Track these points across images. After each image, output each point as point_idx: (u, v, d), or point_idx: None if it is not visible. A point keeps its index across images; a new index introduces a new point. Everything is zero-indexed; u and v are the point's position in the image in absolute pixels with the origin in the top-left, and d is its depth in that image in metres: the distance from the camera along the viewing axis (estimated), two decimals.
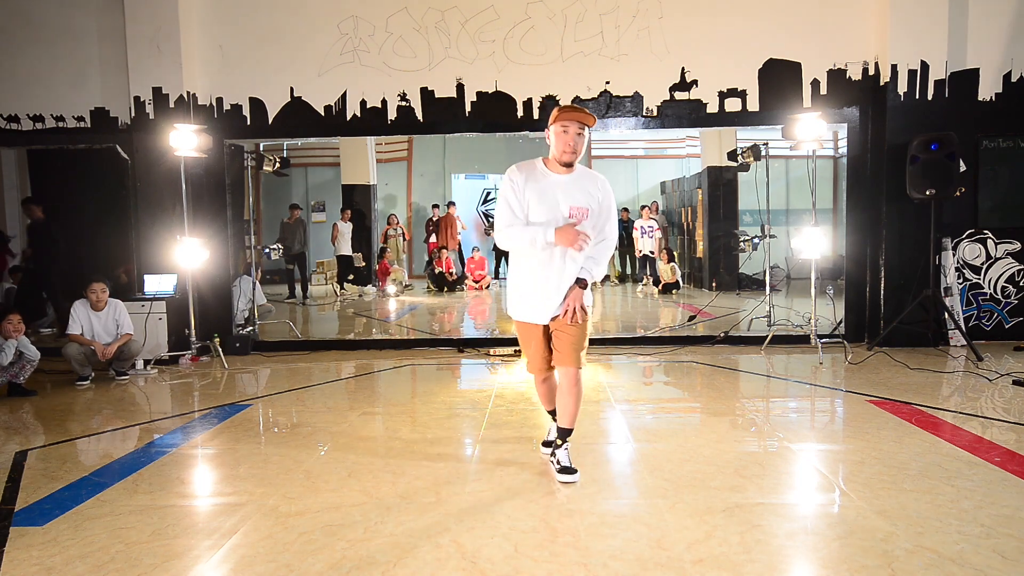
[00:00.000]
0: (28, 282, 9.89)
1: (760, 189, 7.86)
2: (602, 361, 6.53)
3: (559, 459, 3.41)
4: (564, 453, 3.42)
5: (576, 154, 3.22)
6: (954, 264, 7.11)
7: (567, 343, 3.31)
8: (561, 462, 3.39)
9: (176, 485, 3.50)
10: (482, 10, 7.29)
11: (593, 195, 3.29)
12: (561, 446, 3.43)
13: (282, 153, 13.52)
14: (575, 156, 3.23)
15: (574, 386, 3.34)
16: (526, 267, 3.34)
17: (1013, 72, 7.00)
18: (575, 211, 3.24)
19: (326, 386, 5.86)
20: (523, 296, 3.37)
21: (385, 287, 12.90)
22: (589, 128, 3.24)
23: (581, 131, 3.20)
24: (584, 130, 3.21)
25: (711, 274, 12.77)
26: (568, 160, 3.23)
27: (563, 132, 3.20)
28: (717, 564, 2.51)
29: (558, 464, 3.40)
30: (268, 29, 7.42)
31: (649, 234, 13.26)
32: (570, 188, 3.25)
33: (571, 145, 3.20)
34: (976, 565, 2.47)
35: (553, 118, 3.24)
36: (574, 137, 3.20)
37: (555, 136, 3.23)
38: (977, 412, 4.59)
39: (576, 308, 3.26)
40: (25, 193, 12.29)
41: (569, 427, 3.42)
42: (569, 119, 3.19)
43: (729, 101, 7.23)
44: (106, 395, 5.65)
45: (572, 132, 3.20)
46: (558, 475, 3.36)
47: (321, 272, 14.59)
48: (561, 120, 3.20)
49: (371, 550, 2.67)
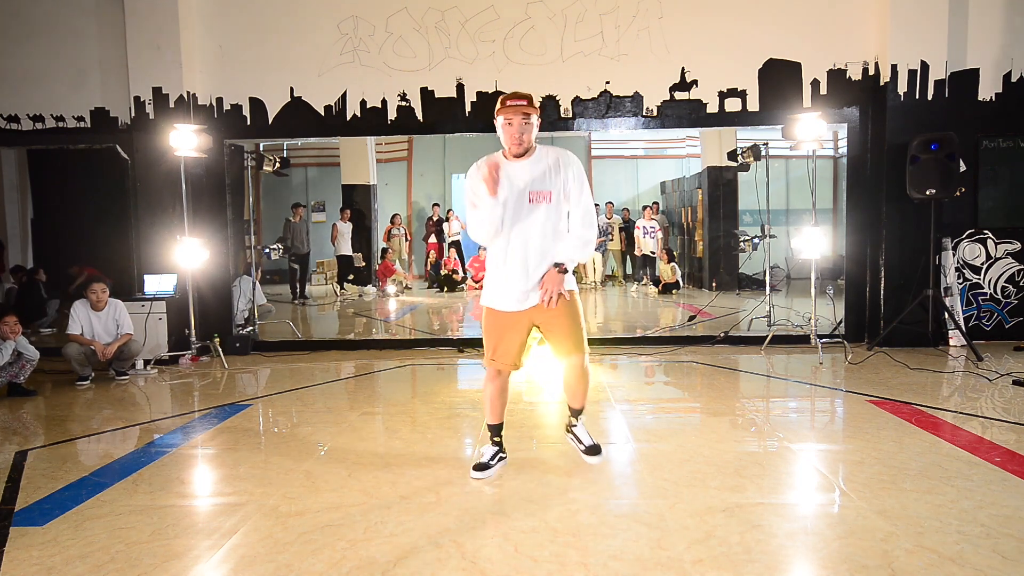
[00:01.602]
0: (28, 282, 9.90)
1: (760, 189, 7.86)
2: (602, 361, 6.53)
3: (579, 437, 3.48)
4: (583, 430, 3.49)
5: (523, 145, 3.17)
6: (954, 264, 7.11)
7: (564, 332, 3.26)
8: (583, 440, 3.46)
9: (176, 485, 3.50)
10: (482, 10, 7.29)
11: (554, 178, 3.20)
12: (576, 424, 3.50)
13: (282, 153, 13.54)
14: (522, 147, 3.18)
15: (582, 376, 3.35)
16: (502, 255, 3.25)
17: (1013, 72, 7.00)
18: (534, 195, 3.18)
19: (326, 386, 5.86)
20: (498, 283, 3.28)
21: (385, 287, 12.90)
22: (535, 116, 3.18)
23: (527, 119, 3.14)
24: (530, 118, 3.15)
25: (711, 274, 12.77)
26: (517, 152, 3.19)
27: (508, 124, 3.16)
28: (717, 564, 2.51)
29: (581, 444, 3.47)
30: (268, 29, 7.42)
31: (651, 234, 13.27)
32: (528, 173, 3.20)
33: (516, 137, 3.16)
34: (976, 565, 2.47)
35: (498, 108, 3.18)
36: (519, 127, 3.15)
37: (501, 129, 3.20)
38: (977, 412, 4.59)
39: (554, 293, 3.17)
40: (25, 193, 12.32)
41: (580, 406, 3.49)
42: (511, 112, 3.14)
43: (729, 101, 7.23)
44: (106, 395, 5.65)
45: (516, 123, 3.15)
46: (585, 456, 3.44)
47: (321, 272, 14.59)
48: (504, 113, 3.15)
49: (371, 550, 2.67)
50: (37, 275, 10.01)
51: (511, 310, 3.26)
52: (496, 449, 3.51)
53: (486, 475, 3.41)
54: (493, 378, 3.44)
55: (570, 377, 3.36)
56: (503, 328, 3.31)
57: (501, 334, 3.32)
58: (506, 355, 3.33)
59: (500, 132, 3.22)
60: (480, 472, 3.41)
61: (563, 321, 3.24)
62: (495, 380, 3.44)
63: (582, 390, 3.41)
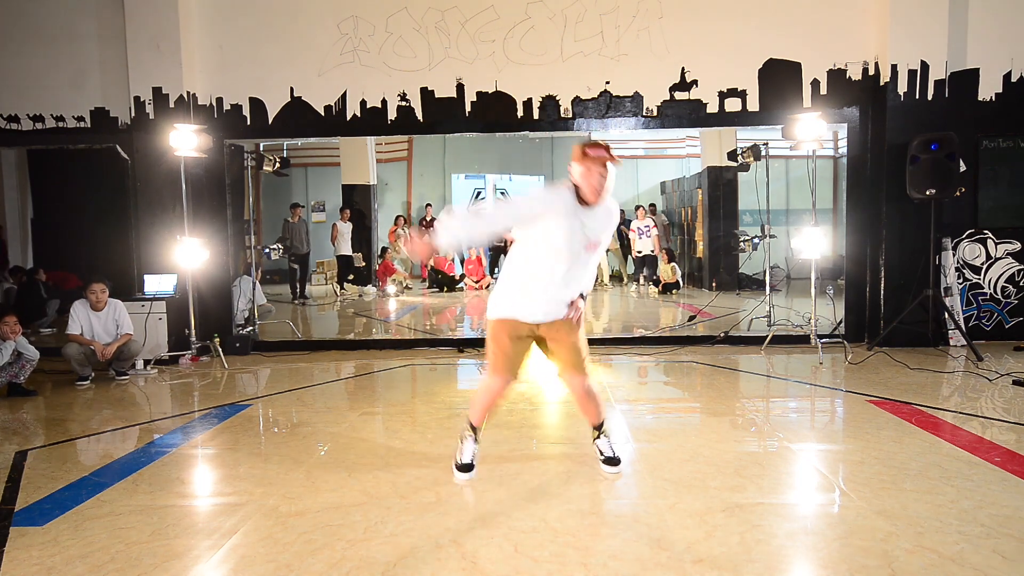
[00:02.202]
0: (28, 282, 9.91)
1: (760, 189, 7.86)
2: (602, 361, 6.53)
3: (600, 448, 3.51)
4: (605, 442, 3.51)
5: (601, 195, 3.12)
6: (954, 264, 7.11)
7: (568, 351, 3.30)
8: (604, 451, 3.49)
9: (176, 485, 3.50)
10: (482, 10, 7.29)
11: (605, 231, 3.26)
12: (599, 436, 3.52)
13: (282, 153, 13.51)
14: (599, 198, 3.13)
15: (587, 395, 3.43)
16: (527, 271, 3.24)
17: (1013, 72, 7.00)
18: (590, 246, 3.20)
19: (326, 386, 5.86)
20: (513, 295, 3.28)
21: (385, 287, 12.90)
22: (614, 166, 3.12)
23: (604, 170, 3.08)
24: (607, 167, 3.09)
25: (711, 274, 12.77)
26: (594, 202, 3.14)
27: (587, 172, 3.08)
28: (717, 564, 2.51)
29: (601, 454, 3.49)
30: (268, 29, 7.42)
31: (646, 234, 13.29)
32: (592, 223, 3.17)
33: (595, 189, 3.10)
34: (976, 565, 2.46)
35: (577, 155, 3.12)
36: (598, 179, 3.09)
37: (580, 177, 3.11)
38: (977, 412, 4.59)
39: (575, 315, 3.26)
40: (25, 193, 12.32)
41: (598, 422, 3.53)
42: (591, 163, 3.07)
43: (729, 101, 7.23)
44: (106, 395, 5.65)
45: (596, 173, 3.08)
46: (603, 466, 3.47)
47: (321, 272, 14.58)
48: (584, 163, 3.08)
49: (371, 550, 2.67)
50: (37, 275, 10.01)
51: (525, 320, 3.26)
52: (475, 447, 3.49)
53: (472, 475, 3.42)
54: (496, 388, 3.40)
55: (579, 397, 3.46)
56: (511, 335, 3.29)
57: (508, 341, 3.29)
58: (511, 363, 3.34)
59: (578, 178, 3.11)
60: (466, 473, 3.42)
61: (570, 339, 3.30)
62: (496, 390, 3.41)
63: (593, 408, 3.49)
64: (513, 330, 3.29)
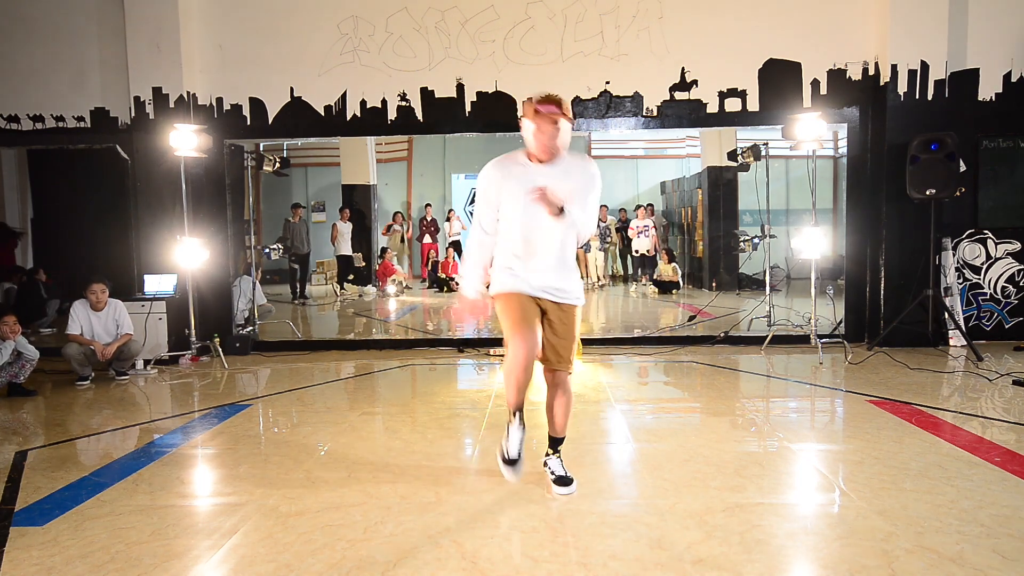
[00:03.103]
0: (28, 282, 9.91)
1: (760, 189, 7.86)
2: (602, 361, 6.53)
3: (552, 468, 3.28)
4: (557, 462, 3.29)
5: (552, 154, 3.02)
6: (954, 264, 7.11)
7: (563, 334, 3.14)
8: (555, 471, 3.26)
9: (176, 485, 3.50)
10: (482, 10, 7.29)
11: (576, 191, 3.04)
12: (552, 455, 3.31)
13: (282, 153, 13.52)
14: (550, 155, 3.02)
15: (563, 394, 3.22)
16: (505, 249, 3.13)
17: (1013, 72, 7.00)
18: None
19: (326, 386, 5.86)
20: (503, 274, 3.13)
21: (385, 287, 12.91)
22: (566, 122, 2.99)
23: (557, 126, 2.97)
24: (559, 123, 2.97)
25: (711, 274, 12.77)
26: (545, 159, 3.04)
27: (538, 132, 2.99)
28: (717, 564, 2.51)
29: (552, 474, 3.26)
30: (268, 29, 7.42)
31: (645, 233, 13.29)
32: (551, 181, 2.98)
33: (545, 145, 2.99)
34: (976, 565, 2.46)
35: (528, 112, 3.00)
36: (549, 135, 2.97)
37: (531, 134, 3.02)
38: (977, 412, 4.59)
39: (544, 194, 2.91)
40: (25, 193, 12.32)
41: (561, 436, 3.30)
42: (542, 120, 2.96)
43: (729, 101, 7.23)
44: (106, 395, 5.65)
45: (547, 132, 2.97)
46: (554, 487, 3.21)
47: (321, 272, 14.58)
48: (534, 119, 2.98)
49: (371, 550, 2.67)
50: (37, 275, 10.01)
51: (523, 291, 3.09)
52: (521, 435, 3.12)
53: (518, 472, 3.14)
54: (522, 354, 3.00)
55: (553, 393, 3.24)
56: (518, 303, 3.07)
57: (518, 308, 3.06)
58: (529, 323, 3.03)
59: (527, 135, 3.03)
60: (511, 468, 3.12)
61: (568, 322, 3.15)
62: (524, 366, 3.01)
63: (563, 414, 3.24)
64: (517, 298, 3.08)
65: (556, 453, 3.32)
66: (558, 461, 3.30)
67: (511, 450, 3.11)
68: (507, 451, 3.12)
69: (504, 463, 3.14)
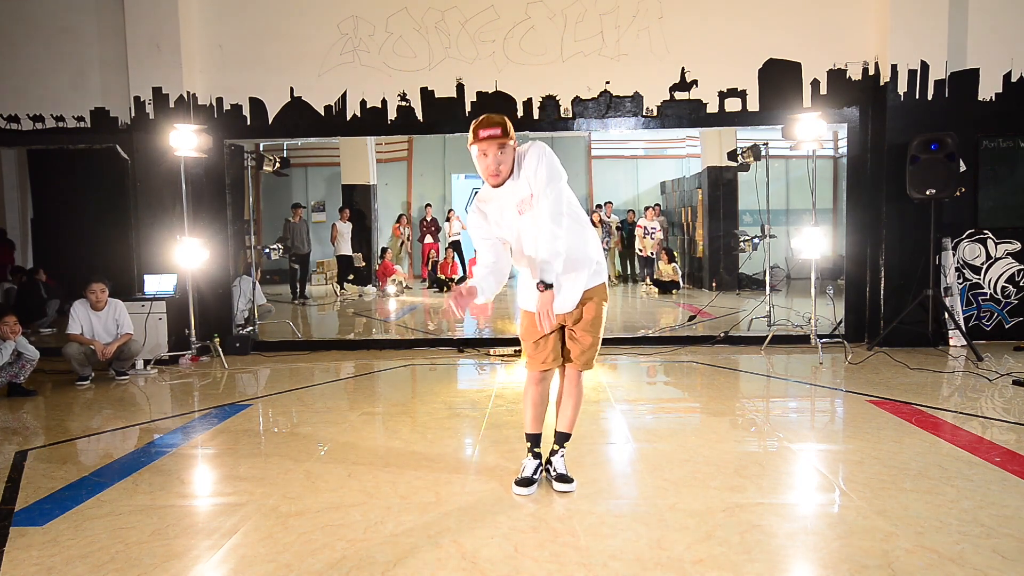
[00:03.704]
0: (28, 282, 9.91)
1: (760, 189, 7.86)
2: (602, 361, 6.53)
3: (555, 466, 3.30)
4: (560, 460, 3.31)
5: (500, 176, 2.95)
6: (954, 264, 7.11)
7: (576, 348, 3.22)
8: (557, 469, 3.28)
9: (176, 485, 3.50)
10: (482, 10, 7.29)
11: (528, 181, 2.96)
12: (558, 452, 3.33)
13: (282, 153, 13.53)
14: (500, 179, 2.96)
15: (575, 387, 3.28)
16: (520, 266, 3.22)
17: (1013, 72, 7.00)
18: (522, 205, 2.98)
19: (326, 386, 5.86)
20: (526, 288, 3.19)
21: (385, 287, 12.91)
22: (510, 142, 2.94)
23: (502, 148, 2.90)
24: (506, 145, 2.91)
25: (711, 274, 12.77)
26: (495, 184, 2.98)
27: (483, 156, 2.93)
28: (717, 564, 2.51)
29: (554, 471, 3.28)
30: (268, 29, 7.42)
31: (651, 234, 13.30)
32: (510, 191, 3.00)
33: (493, 170, 2.94)
34: (976, 565, 2.46)
35: (469, 141, 2.94)
36: (495, 159, 2.91)
37: (476, 160, 2.97)
38: (977, 412, 4.59)
39: (542, 314, 2.96)
40: (25, 193, 12.33)
41: (568, 431, 3.33)
42: (486, 144, 2.89)
43: (729, 101, 7.23)
44: (106, 395, 5.65)
45: (492, 155, 2.91)
46: (555, 483, 3.25)
47: (321, 272, 14.58)
48: (478, 144, 2.91)
49: (371, 550, 2.67)
50: (37, 275, 10.01)
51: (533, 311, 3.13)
52: (538, 463, 3.31)
53: (530, 491, 3.21)
54: (535, 382, 3.25)
55: (566, 386, 3.29)
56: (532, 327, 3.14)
57: (530, 334, 3.18)
58: (540, 353, 3.18)
59: (476, 162, 2.97)
60: (525, 488, 3.21)
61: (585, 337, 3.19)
62: (537, 385, 3.26)
63: (572, 408, 3.29)
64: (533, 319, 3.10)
65: (561, 449, 3.34)
66: (561, 459, 3.32)
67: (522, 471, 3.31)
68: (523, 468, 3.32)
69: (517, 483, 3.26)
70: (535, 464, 3.30)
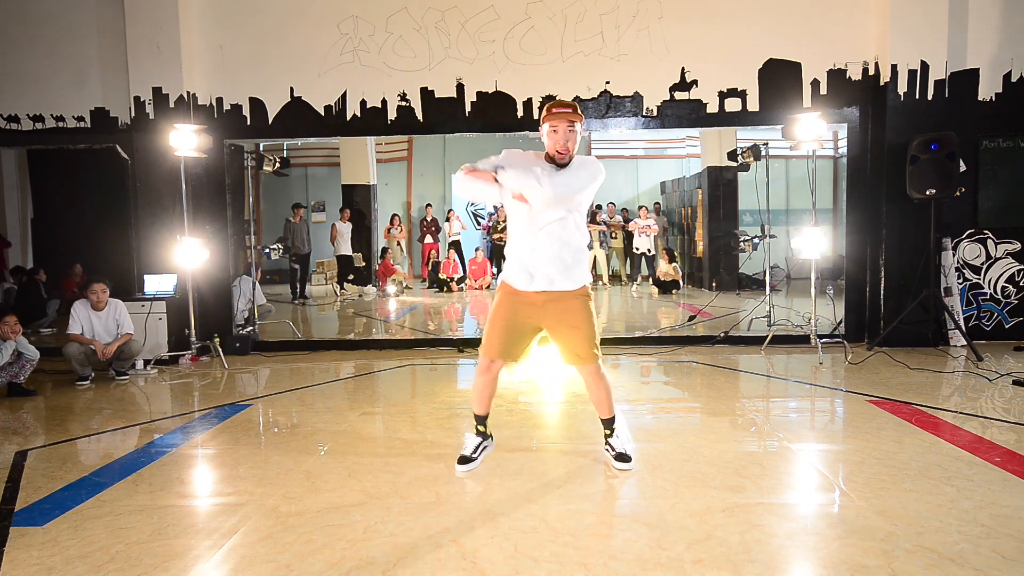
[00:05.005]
0: (28, 282, 9.91)
1: (760, 189, 7.86)
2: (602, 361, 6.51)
3: (613, 446, 3.55)
4: (617, 440, 3.56)
5: (568, 152, 3.25)
6: (954, 264, 7.10)
7: (578, 340, 3.35)
8: (615, 448, 3.53)
9: (176, 485, 3.50)
10: (482, 10, 7.29)
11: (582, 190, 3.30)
12: (610, 436, 3.57)
13: (282, 153, 13.52)
14: (567, 154, 3.26)
15: (598, 380, 3.48)
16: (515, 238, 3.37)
17: (1013, 72, 7.00)
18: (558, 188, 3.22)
19: (326, 386, 5.86)
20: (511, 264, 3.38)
21: (385, 287, 12.91)
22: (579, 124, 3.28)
23: (571, 127, 3.23)
24: (575, 126, 3.24)
25: (711, 274, 12.77)
26: (561, 160, 3.27)
27: (553, 132, 3.24)
28: (717, 564, 2.51)
29: (612, 451, 3.54)
30: (268, 29, 7.42)
31: (645, 232, 13.31)
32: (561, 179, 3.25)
33: (562, 144, 3.23)
34: (976, 565, 2.47)
35: (543, 117, 3.29)
36: (564, 135, 3.23)
37: (546, 136, 3.28)
38: (977, 412, 4.59)
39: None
40: (25, 193, 12.34)
41: (608, 416, 3.56)
42: (557, 120, 3.22)
43: (729, 101, 7.23)
44: (106, 395, 5.65)
45: (562, 131, 3.22)
46: (614, 462, 3.50)
47: (321, 272, 14.58)
48: (549, 120, 3.24)
49: (371, 550, 2.67)
50: (37, 275, 10.02)
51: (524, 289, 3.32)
52: (479, 440, 3.58)
53: (471, 468, 3.48)
54: (484, 370, 3.46)
55: (589, 383, 3.50)
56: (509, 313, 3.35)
57: (505, 320, 3.36)
58: (501, 345, 3.39)
59: (545, 138, 3.28)
60: (465, 466, 3.48)
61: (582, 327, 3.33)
62: (483, 374, 3.48)
63: (605, 395, 3.51)
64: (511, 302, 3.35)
65: (612, 432, 3.59)
66: (617, 439, 3.58)
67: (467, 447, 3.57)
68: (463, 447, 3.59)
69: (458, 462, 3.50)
70: (476, 442, 3.58)
